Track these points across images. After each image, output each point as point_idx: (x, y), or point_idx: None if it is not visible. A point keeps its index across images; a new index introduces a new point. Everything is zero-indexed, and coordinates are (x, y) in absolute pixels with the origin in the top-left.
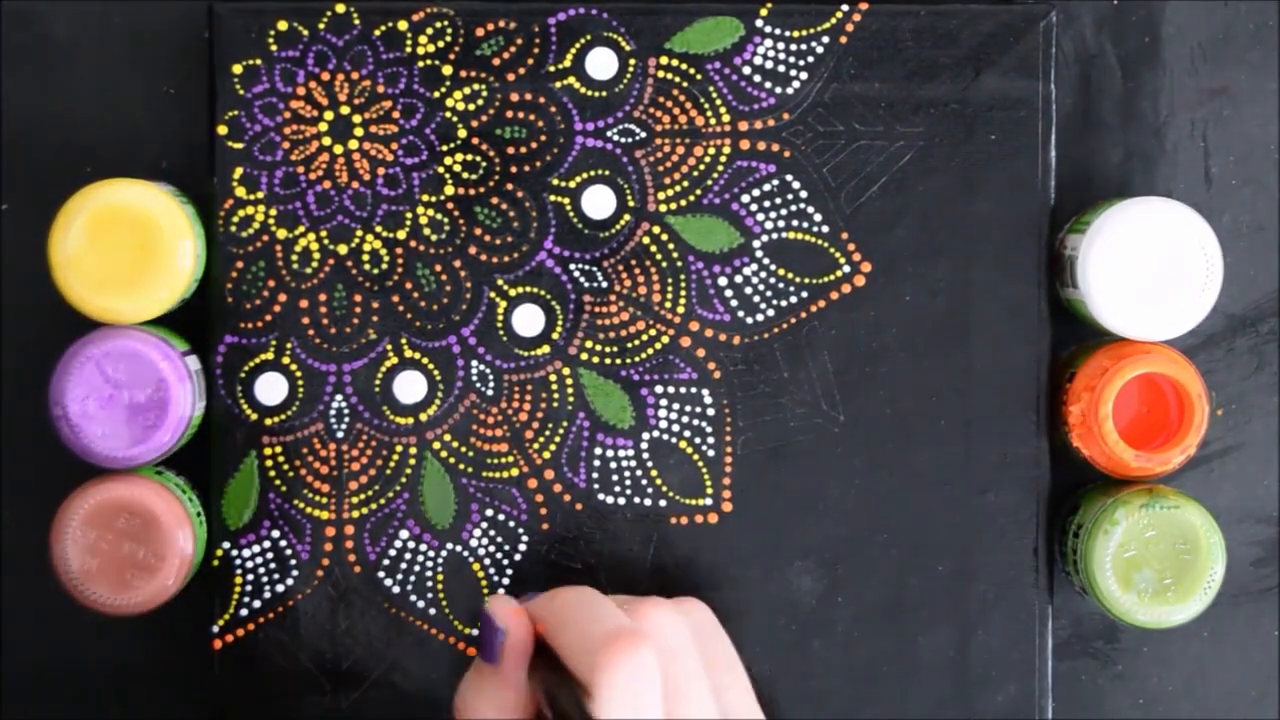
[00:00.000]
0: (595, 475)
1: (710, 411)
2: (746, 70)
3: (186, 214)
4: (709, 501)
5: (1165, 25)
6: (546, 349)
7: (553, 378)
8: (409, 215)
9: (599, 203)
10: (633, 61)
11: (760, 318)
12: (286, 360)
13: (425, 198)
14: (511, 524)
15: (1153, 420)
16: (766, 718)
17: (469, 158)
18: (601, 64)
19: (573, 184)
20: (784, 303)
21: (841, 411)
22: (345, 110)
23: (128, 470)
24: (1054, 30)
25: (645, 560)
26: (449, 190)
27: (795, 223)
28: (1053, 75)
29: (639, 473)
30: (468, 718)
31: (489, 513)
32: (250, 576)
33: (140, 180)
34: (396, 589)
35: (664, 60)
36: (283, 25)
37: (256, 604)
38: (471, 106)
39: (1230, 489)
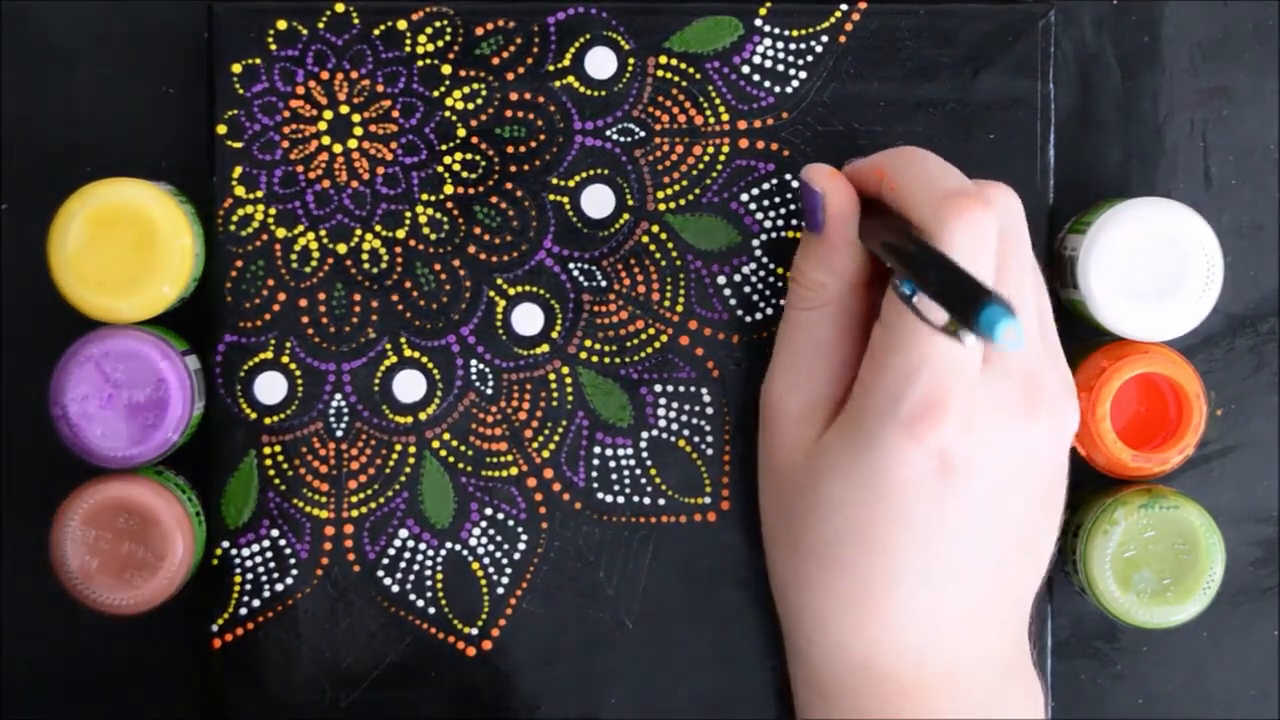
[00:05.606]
0: (594, 474)
1: (709, 410)
2: (746, 69)
3: (186, 214)
4: (708, 500)
5: (1165, 25)
6: (546, 348)
7: (552, 377)
8: (408, 214)
9: (598, 202)
10: (632, 61)
11: (759, 316)
12: (286, 359)
13: (425, 197)
14: (511, 523)
15: (1151, 420)
16: (771, 718)
17: (468, 157)
18: (601, 63)
19: (572, 183)
20: (783, 301)
21: None
22: (345, 109)
23: (128, 470)
24: (1053, 30)
25: (644, 559)
26: (448, 189)
27: (794, 221)
28: (1052, 75)
29: (638, 471)
30: (803, 284)
31: (488, 512)
32: (249, 575)
33: (139, 180)
34: (396, 588)
35: (663, 59)
36: (282, 24)
37: (256, 603)
38: (471, 106)
39: (1230, 489)
